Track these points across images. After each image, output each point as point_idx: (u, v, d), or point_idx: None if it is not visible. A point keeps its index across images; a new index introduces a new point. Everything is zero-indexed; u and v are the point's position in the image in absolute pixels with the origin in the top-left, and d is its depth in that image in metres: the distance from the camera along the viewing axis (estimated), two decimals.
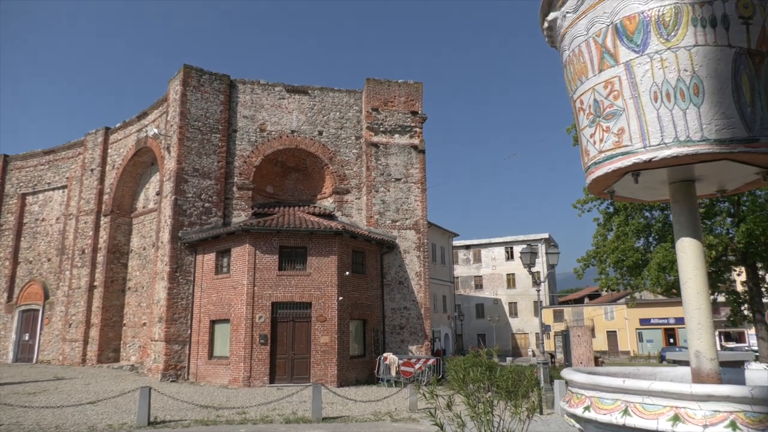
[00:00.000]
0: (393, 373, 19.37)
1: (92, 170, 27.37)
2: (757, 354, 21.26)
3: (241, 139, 22.91)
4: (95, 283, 25.70)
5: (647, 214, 20.62)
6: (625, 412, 2.41)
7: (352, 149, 23.85)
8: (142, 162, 26.01)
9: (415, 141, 23.89)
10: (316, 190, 24.18)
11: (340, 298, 19.42)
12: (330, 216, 22.68)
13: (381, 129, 23.67)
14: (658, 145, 2.60)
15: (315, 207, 23.34)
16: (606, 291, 30.25)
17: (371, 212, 22.95)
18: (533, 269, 21.14)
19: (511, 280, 56.52)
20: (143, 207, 26.23)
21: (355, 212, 23.28)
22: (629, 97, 2.72)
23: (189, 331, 20.61)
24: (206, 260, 20.82)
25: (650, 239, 20.98)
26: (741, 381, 3.22)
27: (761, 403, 2.12)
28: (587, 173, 3.05)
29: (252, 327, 18.70)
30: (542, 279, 23.34)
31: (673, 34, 2.59)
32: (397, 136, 23.77)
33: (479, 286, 57.88)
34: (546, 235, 55.43)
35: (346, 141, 23.85)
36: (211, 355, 19.91)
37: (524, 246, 19.45)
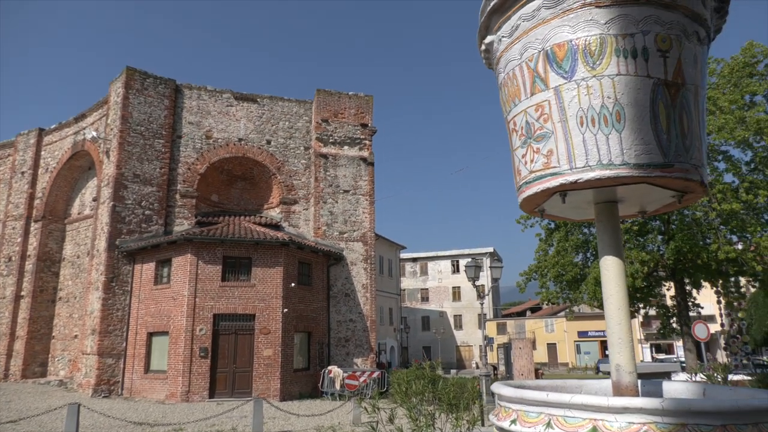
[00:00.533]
0: (337, 386, 19.20)
1: (23, 173, 25.92)
2: (684, 365, 22.44)
3: (186, 145, 22.32)
4: (22, 293, 24.24)
5: (586, 230, 21.48)
6: (548, 425, 2.49)
7: (300, 159, 23.68)
8: (79, 166, 24.87)
9: (365, 153, 24.00)
10: (263, 200, 23.83)
11: (285, 310, 19.14)
12: (277, 226, 22.37)
13: (330, 140, 23.65)
14: (584, 167, 2.73)
15: (261, 217, 22.97)
16: (547, 304, 31.21)
17: (319, 223, 22.81)
18: (478, 283, 21.55)
19: (456, 293, 57.37)
20: (78, 213, 25.04)
21: (302, 223, 23.07)
22: (558, 121, 2.84)
23: (124, 344, 19.73)
24: (145, 270, 20.05)
25: (588, 255, 21.86)
26: (658, 393, 3.39)
27: (670, 415, 2.24)
28: (519, 192, 3.16)
29: (192, 339, 18.10)
30: (486, 292, 23.82)
31: (598, 62, 2.73)
32: (346, 147, 23.81)
33: (425, 298, 58.43)
34: (491, 249, 56.69)
35: (295, 151, 23.67)
36: (147, 369, 19.11)
37: (469, 260, 19.83)
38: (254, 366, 18.43)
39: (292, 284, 19.75)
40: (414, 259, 59.51)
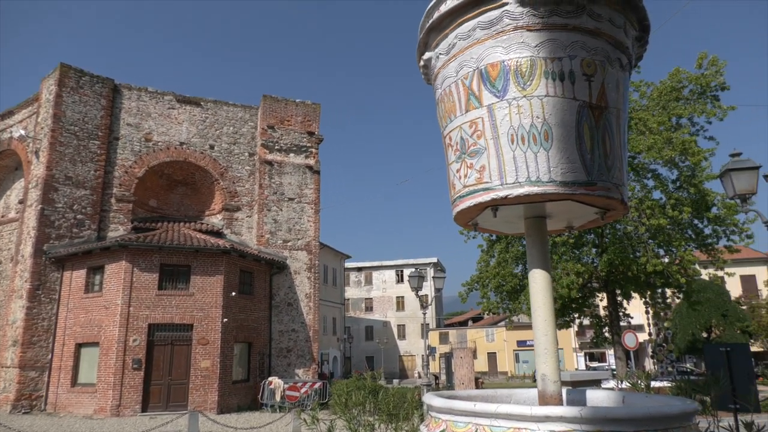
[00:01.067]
0: (278, 397, 18.85)
1: None
2: (615, 372, 23.44)
3: (124, 147, 21.47)
4: None
5: (524, 242, 22.17)
6: None
7: (245, 166, 23.26)
8: (4, 166, 23.41)
9: (311, 161, 23.86)
10: (205, 206, 23.21)
11: (225, 319, 18.65)
12: (218, 234, 21.82)
13: (276, 147, 23.37)
14: (513, 183, 2.83)
15: (202, 224, 22.36)
16: (488, 314, 31.89)
17: (262, 231, 22.44)
18: (421, 293, 21.76)
19: (400, 303, 57.72)
20: (2, 216, 23.51)
21: (245, 231, 22.62)
22: (490, 138, 2.94)
23: (50, 356, 18.62)
24: (75, 277, 19.05)
25: (527, 266, 22.57)
26: (582, 401, 3.54)
27: (588, 422, 2.35)
28: (453, 206, 3.24)
29: (125, 350, 17.32)
30: (429, 302, 24.12)
31: (528, 83, 2.85)
32: (292, 155, 23.59)
33: (369, 308, 58.44)
34: (435, 260, 57.47)
35: (239, 157, 23.24)
36: (74, 382, 18.10)
37: (413, 270, 20.02)
38: (191, 378, 17.83)
39: (233, 293, 19.29)
40: (359, 269, 59.49)
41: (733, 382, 11.79)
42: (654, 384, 11.08)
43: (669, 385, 8.60)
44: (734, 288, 41.00)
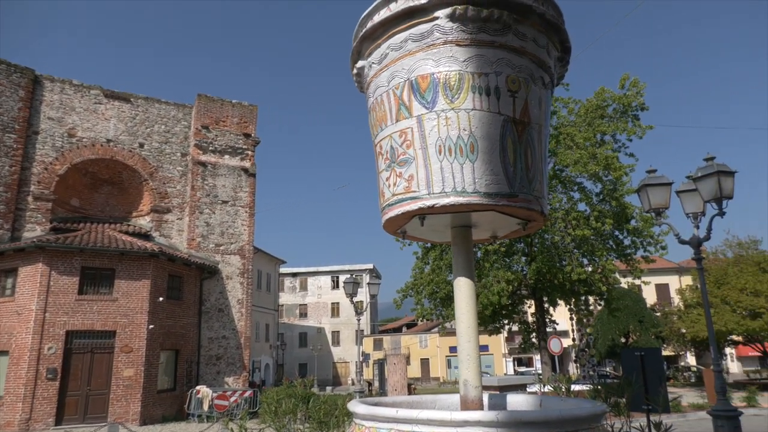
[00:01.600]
0: (205, 407, 18.22)
1: None
2: (541, 376, 24.34)
3: (44, 143, 20.18)
4: None
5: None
6: None
7: (177, 166, 22.45)
8: None
9: (246, 164, 23.36)
10: (132, 207, 22.17)
11: (151, 326, 17.87)
12: (146, 236, 20.90)
13: (210, 148, 22.72)
14: (440, 193, 2.91)
15: (129, 225, 21.34)
16: (421, 320, 32.31)
17: (194, 234, 21.70)
18: (356, 299, 21.76)
19: (335, 309, 57.41)
20: None
21: (175, 233, 21.80)
22: (419, 148, 3.00)
23: None
24: None
25: None
26: (503, 405, 3.67)
27: (504, 426, 2.44)
28: (383, 213, 3.28)
29: (38, 359, 16.20)
30: (364, 308, 24.19)
31: (456, 96, 2.94)
32: (227, 157, 23.01)
33: (304, 314, 57.74)
34: (371, 266, 57.63)
35: (171, 157, 22.40)
36: None
37: (348, 276, 19.99)
38: (112, 388, 16.93)
39: (161, 298, 18.53)
40: (294, 274, 58.67)
41: (646, 385, 12.55)
42: (575, 387, 11.60)
43: (588, 388, 9.03)
44: (650, 296, 43.73)
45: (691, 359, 44.44)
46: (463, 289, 3.24)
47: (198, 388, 18.83)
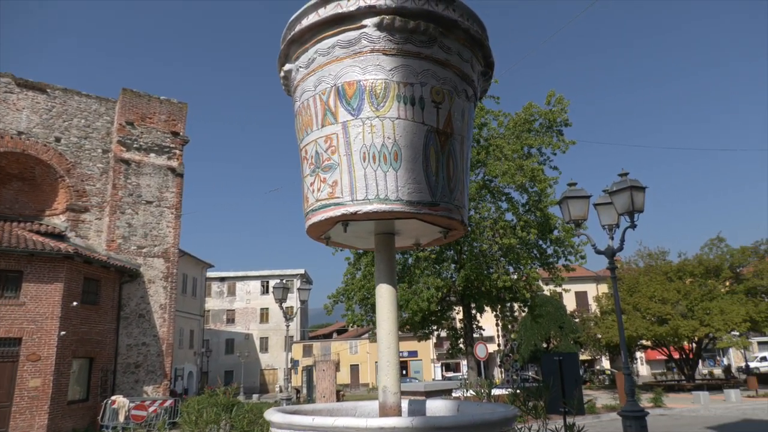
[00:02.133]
0: (121, 418, 17.26)
1: None
2: (467, 381, 24.92)
3: None
4: None
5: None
6: None
7: (97, 163, 21.26)
8: None
9: (174, 163, 22.48)
10: (45, 205, 20.75)
11: (63, 332, 16.75)
12: (60, 236, 19.61)
13: (135, 145, 21.68)
14: (363, 200, 2.92)
15: (41, 224, 19.94)
16: (352, 326, 32.25)
17: (114, 235, 20.60)
18: (286, 304, 21.41)
19: (265, 315, 56.23)
20: None
21: (93, 234, 20.60)
22: (344, 154, 3.00)
23: None
24: None
25: None
26: (422, 411, 3.72)
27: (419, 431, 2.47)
28: (306, 218, 3.25)
29: None
30: (294, 314, 23.83)
31: (382, 104, 2.97)
32: (153, 155, 22.04)
33: (231, 320, 56.11)
34: (302, 271, 56.95)
35: (91, 153, 21.18)
36: None
37: (278, 281, 19.66)
38: (15, 399, 15.70)
39: (75, 303, 17.43)
40: (222, 279, 56.92)
41: (564, 388, 13.15)
42: (498, 392, 11.99)
43: (506, 393, 9.35)
44: (570, 303, 46.00)
45: (606, 363, 47.07)
46: (384, 295, 3.26)
47: (114, 398, 17.82)
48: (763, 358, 44.16)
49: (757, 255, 31.84)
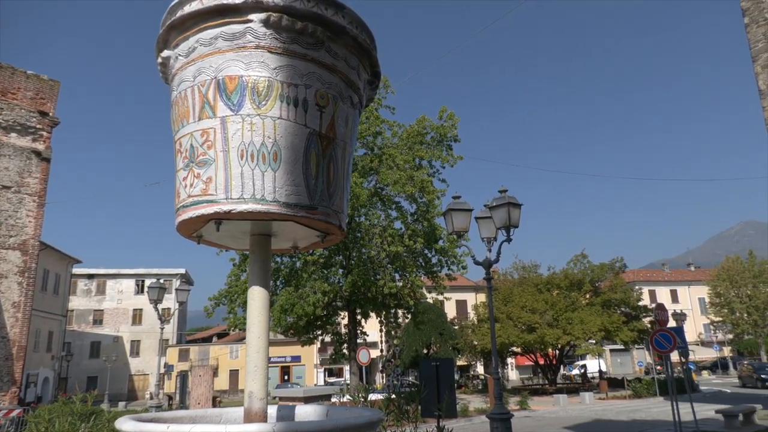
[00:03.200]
0: None
1: None
2: (348, 387, 25.05)
3: None
4: None
5: (278, 259, 22.40)
6: None
7: None
8: None
9: (39, 146, 20.33)
10: None
11: None
12: None
13: None
14: (238, 199, 2.82)
15: None
16: (234, 330, 31.15)
17: None
18: (163, 306, 20.19)
19: (137, 316, 52.54)
20: None
21: None
22: (220, 150, 2.88)
23: None
24: None
25: (278, 283, 22.77)
26: (290, 416, 3.66)
27: None
28: (177, 215, 3.07)
29: None
30: (170, 315, 22.50)
31: (264, 103, 2.89)
32: (14, 135, 19.75)
33: (99, 321, 51.70)
34: (183, 271, 54.07)
35: None
36: None
37: (154, 280, 18.50)
38: None
39: None
40: (90, 276, 52.30)
41: (439, 392, 13.69)
42: (376, 396, 12.17)
43: (381, 397, 9.53)
44: (450, 310, 48.13)
45: (480, 368, 49.74)
46: (256, 297, 3.17)
47: None
48: (583, 366, 49.30)
49: (613, 271, 35.58)
